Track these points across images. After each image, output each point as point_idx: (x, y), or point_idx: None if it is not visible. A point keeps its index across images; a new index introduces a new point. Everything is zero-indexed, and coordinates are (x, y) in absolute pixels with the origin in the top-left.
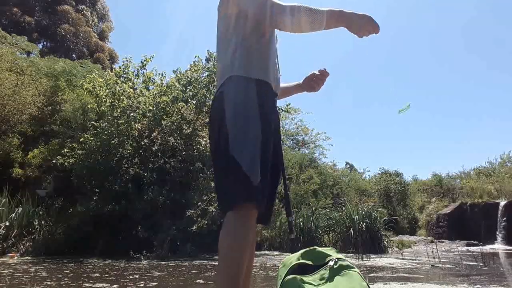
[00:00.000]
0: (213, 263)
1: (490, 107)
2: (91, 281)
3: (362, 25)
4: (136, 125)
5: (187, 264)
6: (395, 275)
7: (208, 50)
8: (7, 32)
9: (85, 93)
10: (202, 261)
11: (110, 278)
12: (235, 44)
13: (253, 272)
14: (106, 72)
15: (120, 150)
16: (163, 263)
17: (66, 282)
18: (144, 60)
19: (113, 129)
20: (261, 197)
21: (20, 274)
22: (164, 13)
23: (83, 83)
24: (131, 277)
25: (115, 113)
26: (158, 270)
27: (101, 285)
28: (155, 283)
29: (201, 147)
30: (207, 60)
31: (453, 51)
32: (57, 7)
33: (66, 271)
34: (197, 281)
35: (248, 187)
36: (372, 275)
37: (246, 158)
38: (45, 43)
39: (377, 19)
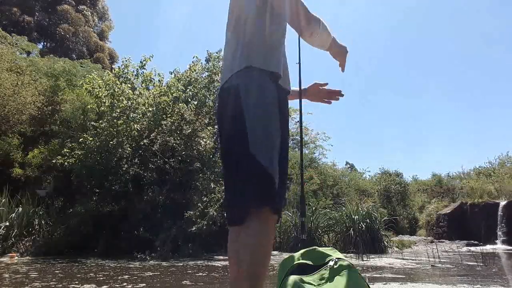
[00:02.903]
0: (209, 264)
1: (491, 106)
2: (80, 282)
3: (345, 57)
4: (136, 126)
5: (181, 264)
6: (395, 275)
7: (207, 51)
8: (7, 32)
9: (85, 93)
10: (198, 261)
11: (101, 278)
12: (251, 33)
13: None
14: (106, 72)
15: (120, 150)
16: (157, 263)
17: (54, 283)
18: (144, 60)
19: (112, 129)
20: (281, 200)
21: (8, 275)
22: (164, 13)
23: (83, 83)
24: (120, 277)
25: (114, 114)
26: (150, 271)
27: (88, 286)
28: (143, 284)
29: (201, 148)
30: (207, 60)
31: (456, 49)
32: (57, 7)
33: (57, 272)
34: (184, 282)
35: (271, 189)
36: (372, 275)
37: (268, 158)
38: (45, 43)
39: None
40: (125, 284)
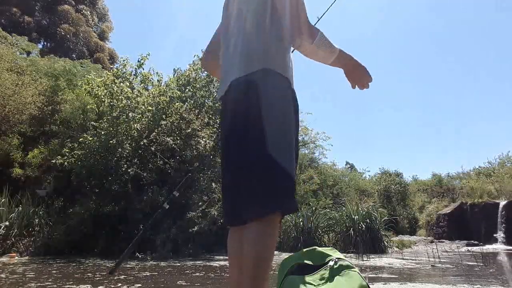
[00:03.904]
0: (207, 264)
1: (491, 107)
2: (75, 282)
3: (362, 76)
4: (135, 125)
5: (179, 265)
6: (395, 275)
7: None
8: (7, 32)
9: (84, 94)
10: (197, 262)
11: (98, 278)
12: (273, 35)
13: None
14: (105, 72)
15: (120, 150)
16: (155, 263)
17: (49, 283)
18: (141, 59)
19: (112, 129)
20: (295, 202)
21: (5, 276)
22: (164, 13)
23: (82, 84)
24: (116, 277)
25: (114, 113)
26: (148, 271)
27: (84, 286)
28: (139, 285)
29: (200, 148)
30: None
31: (455, 48)
32: (57, 7)
33: (54, 272)
34: (179, 282)
35: (289, 190)
36: (372, 275)
37: (286, 159)
38: (45, 43)
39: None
40: (119, 284)
